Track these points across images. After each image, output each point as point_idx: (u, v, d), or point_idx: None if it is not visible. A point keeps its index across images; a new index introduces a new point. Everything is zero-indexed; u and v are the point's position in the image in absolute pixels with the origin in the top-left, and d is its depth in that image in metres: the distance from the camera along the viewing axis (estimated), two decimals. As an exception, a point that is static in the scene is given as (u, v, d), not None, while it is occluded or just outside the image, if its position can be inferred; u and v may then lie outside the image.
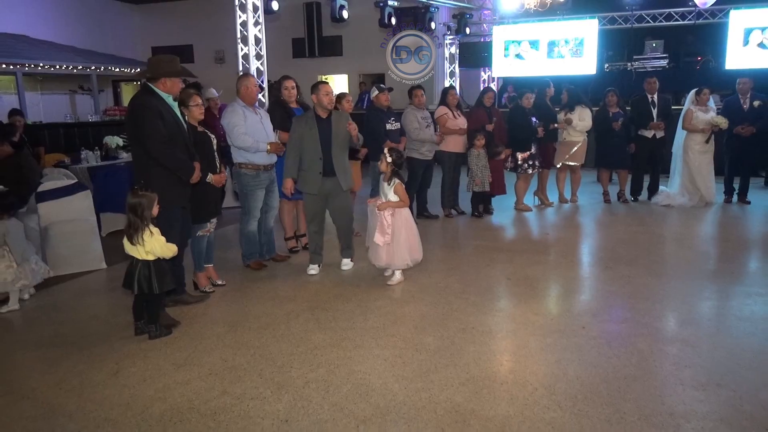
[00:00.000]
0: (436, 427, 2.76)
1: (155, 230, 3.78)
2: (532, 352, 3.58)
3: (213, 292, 4.74)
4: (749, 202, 7.76)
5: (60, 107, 14.98)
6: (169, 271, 3.94)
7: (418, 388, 3.12)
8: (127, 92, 17.88)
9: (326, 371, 3.35)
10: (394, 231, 4.71)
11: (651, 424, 2.75)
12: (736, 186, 7.86)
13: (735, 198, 7.85)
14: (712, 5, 10.38)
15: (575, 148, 7.74)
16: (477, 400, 3.00)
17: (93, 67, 14.23)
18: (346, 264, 5.32)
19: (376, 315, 4.19)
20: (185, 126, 4.21)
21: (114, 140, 7.89)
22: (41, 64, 12.77)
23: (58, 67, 13.28)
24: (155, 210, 3.81)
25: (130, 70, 14.98)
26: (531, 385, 3.15)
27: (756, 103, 7.64)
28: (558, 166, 7.86)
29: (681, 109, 7.80)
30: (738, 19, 10.92)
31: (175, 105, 4.13)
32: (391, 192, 4.74)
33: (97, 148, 7.81)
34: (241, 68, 8.41)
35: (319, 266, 5.24)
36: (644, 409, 2.87)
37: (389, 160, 4.77)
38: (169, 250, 3.83)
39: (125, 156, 7.84)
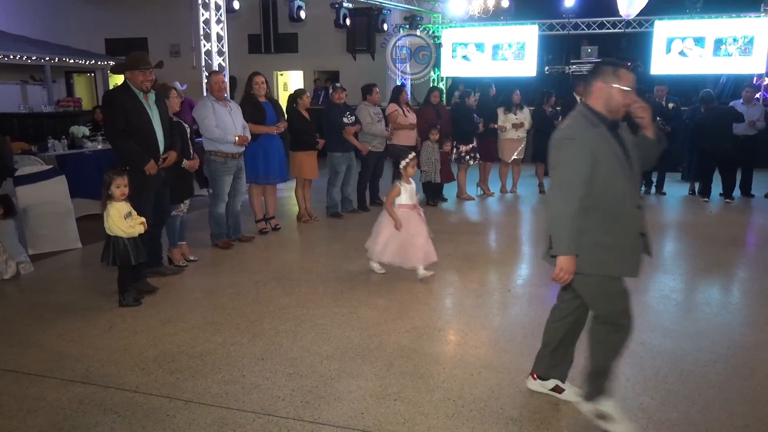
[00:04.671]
0: (386, 361, 3.43)
1: (113, 209, 4.11)
2: (466, 309, 4.30)
3: (186, 266, 5.27)
4: (665, 193, 8.75)
5: (11, 97, 14.91)
6: (142, 245, 4.29)
7: (371, 335, 3.78)
8: (80, 84, 17.87)
9: (293, 324, 3.97)
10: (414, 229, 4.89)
11: (554, 355, 3.49)
12: (654, 179, 8.84)
13: (653, 189, 8.83)
14: (637, 16, 11.40)
15: (522, 146, 8.57)
16: (419, 342, 3.68)
17: (47, 58, 14.24)
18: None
19: (334, 283, 4.84)
20: (159, 121, 4.58)
21: (80, 130, 8.21)
22: (-6, 54, 12.74)
23: (11, 57, 13.28)
24: (117, 191, 4.11)
25: (84, 62, 15.05)
26: (462, 332, 3.87)
27: (671, 105, 8.63)
28: (509, 161, 8.64)
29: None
30: (661, 29, 12.05)
31: (150, 99, 4.56)
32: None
33: (63, 137, 8.11)
34: (203, 64, 8.86)
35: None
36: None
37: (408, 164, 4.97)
38: (121, 230, 4.09)
39: (90, 145, 8.18)
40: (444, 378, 3.23)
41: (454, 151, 8.04)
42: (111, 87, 4.70)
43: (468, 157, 8.08)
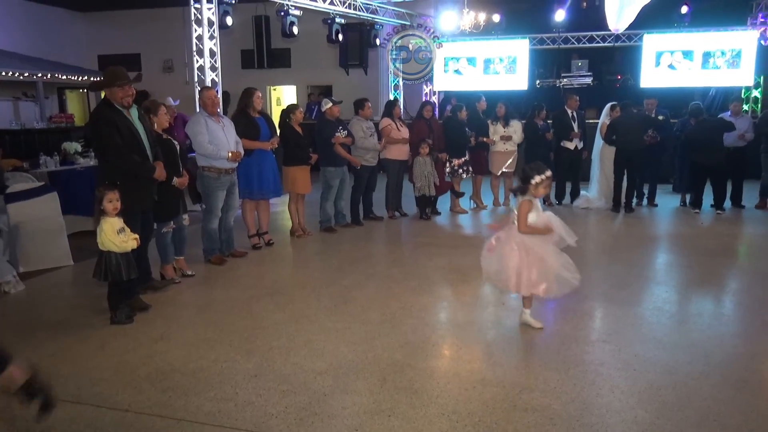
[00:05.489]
0: (379, 375, 3.41)
1: (106, 224, 4.11)
2: (460, 323, 4.30)
3: (179, 282, 5.25)
4: (657, 205, 8.80)
5: (3, 114, 14.89)
6: (134, 261, 4.28)
7: (365, 350, 3.77)
8: (72, 100, 17.84)
9: (287, 340, 3.95)
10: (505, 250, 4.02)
11: (549, 369, 3.49)
12: (645, 191, 8.90)
13: (645, 201, 8.88)
14: (626, 30, 11.52)
15: (511, 159, 8.62)
16: (412, 357, 3.67)
17: (39, 74, 14.25)
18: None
19: (328, 298, 4.82)
20: (144, 134, 4.61)
21: (72, 146, 8.19)
22: (-15, 71, 12.75)
23: (3, 73, 13.27)
24: (110, 206, 4.11)
25: (77, 78, 15.06)
26: (456, 346, 3.86)
27: (660, 118, 8.72)
28: (498, 174, 8.70)
29: (597, 123, 8.80)
30: (650, 43, 12.18)
31: (133, 113, 4.57)
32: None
33: (55, 153, 8.09)
34: (196, 79, 8.88)
35: None
36: (544, 358, 3.63)
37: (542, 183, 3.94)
38: (114, 244, 4.08)
39: (82, 161, 8.16)
40: (438, 393, 3.22)
41: (447, 164, 8.07)
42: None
43: (461, 170, 8.12)
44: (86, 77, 14.84)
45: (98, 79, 4.36)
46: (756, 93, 12.23)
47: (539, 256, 3.92)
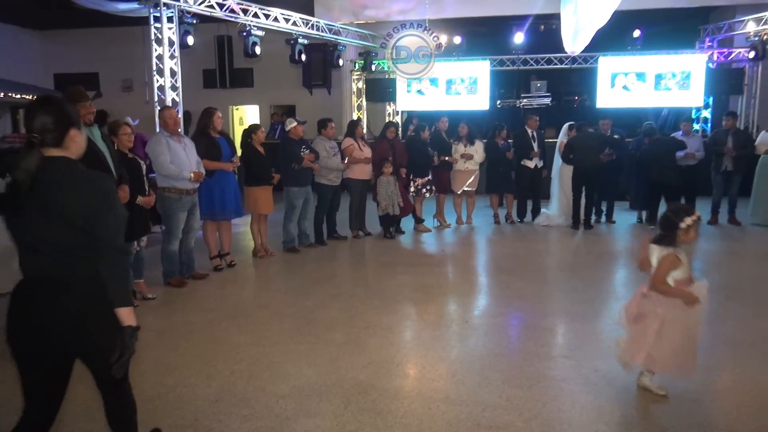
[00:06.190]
0: (343, 397, 3.38)
1: None
2: (424, 341, 4.30)
3: (137, 306, 5.10)
4: (615, 222, 9.02)
5: (-47, 133, 14.38)
6: None
7: (328, 371, 3.73)
8: (27, 119, 17.36)
9: (248, 363, 3.88)
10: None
11: (512, 386, 3.51)
12: (604, 208, 9.12)
13: (603, 218, 9.10)
14: (582, 52, 11.89)
15: (473, 177, 8.74)
16: (377, 377, 3.65)
17: (-8, 93, 13.85)
18: None
19: (290, 319, 4.76)
20: (109, 154, 4.57)
21: (26, 167, 7.96)
22: (-65, 89, 12.32)
23: (-46, 92, 12.86)
24: None
25: (32, 97, 14.67)
26: (420, 365, 3.86)
27: (616, 137, 8.98)
28: (459, 192, 8.80)
29: (556, 142, 9.01)
30: (606, 65, 12.59)
31: (95, 133, 4.50)
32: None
33: (7, 174, 7.84)
34: (157, 99, 8.76)
35: None
36: (507, 375, 3.65)
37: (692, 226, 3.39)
38: None
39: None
40: (402, 413, 3.20)
41: (411, 183, 8.12)
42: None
43: (424, 189, 8.18)
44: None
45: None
46: (706, 113, 12.73)
47: (680, 326, 3.23)
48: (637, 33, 13.94)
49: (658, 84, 12.35)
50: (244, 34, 9.91)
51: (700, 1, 12.02)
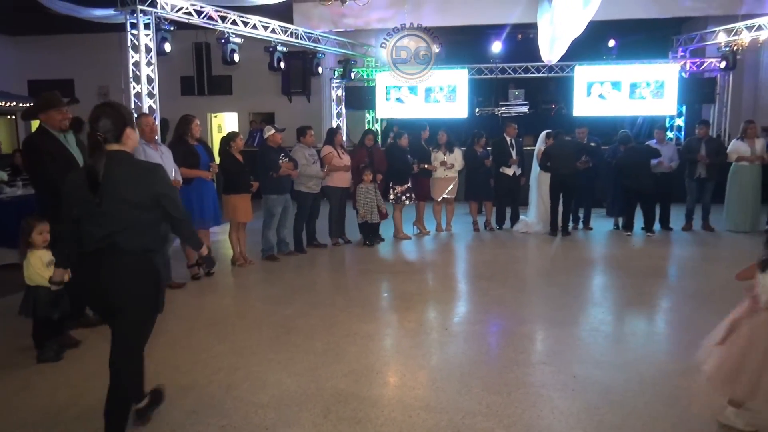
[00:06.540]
0: (323, 406, 3.36)
1: (34, 257, 3.94)
2: (404, 349, 4.29)
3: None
4: (592, 228, 9.13)
5: None
6: (65, 296, 4.05)
7: (308, 380, 3.70)
8: None
9: (227, 373, 3.84)
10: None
11: (491, 392, 3.52)
12: (581, 215, 9.23)
13: (581, 225, 9.20)
14: (559, 61, 12.05)
15: (452, 185, 8.79)
16: (356, 385, 3.63)
17: (-37, 100, 13.58)
18: None
19: (270, 328, 4.73)
20: (81, 161, 4.48)
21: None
22: None
23: (-76, 99, 12.58)
24: (40, 238, 3.96)
25: (5, 104, 14.41)
26: (401, 373, 3.85)
27: (592, 144, 9.10)
28: (438, 199, 8.83)
29: (534, 150, 9.10)
30: (582, 74, 12.77)
31: (70, 140, 4.42)
32: None
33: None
34: (133, 106, 8.66)
35: None
36: (487, 382, 3.66)
37: None
38: (44, 279, 3.84)
39: (9, 191, 7.77)
40: (382, 422, 3.19)
41: (390, 191, 8.14)
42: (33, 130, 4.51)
43: (404, 197, 8.20)
44: (15, 103, 14.24)
45: (28, 106, 4.22)
46: (679, 122, 12.98)
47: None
48: (612, 43, 14.21)
49: (633, 93, 12.57)
50: (223, 41, 9.86)
51: (673, 11, 12.26)
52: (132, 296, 2.78)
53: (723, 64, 11.97)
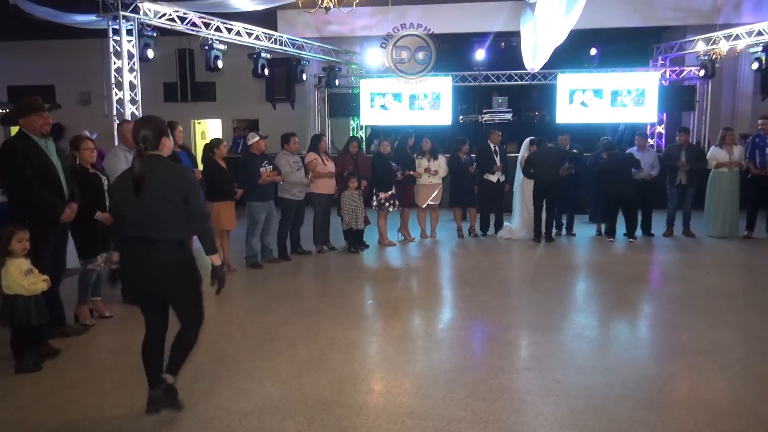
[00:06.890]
0: (307, 415, 3.33)
1: (12, 266, 3.87)
2: (388, 356, 4.28)
3: (93, 325, 4.96)
4: (575, 235, 9.21)
5: None
6: (44, 305, 4.01)
7: (292, 388, 3.68)
8: (-22, 132, 16.79)
9: (210, 382, 3.80)
10: None
11: (476, 399, 3.53)
12: (564, 221, 9.30)
13: (564, 231, 9.27)
14: (542, 69, 12.18)
15: (436, 192, 8.82)
16: (341, 393, 3.62)
17: (-59, 106, 13.38)
18: None
19: (253, 336, 4.69)
20: (61, 169, 4.42)
21: (-24, 182, 7.67)
22: None
23: None
24: (19, 246, 3.90)
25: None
26: (385, 380, 3.84)
27: (574, 151, 9.20)
28: (423, 206, 8.85)
29: (517, 156, 9.17)
30: (564, 82, 12.93)
31: (50, 147, 4.36)
32: None
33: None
34: (115, 112, 8.59)
35: None
36: (471, 388, 3.66)
37: None
38: (23, 287, 3.84)
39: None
40: (367, 429, 3.17)
41: (374, 198, 8.14)
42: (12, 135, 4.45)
43: (388, 204, 8.21)
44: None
45: (8, 111, 4.17)
46: (660, 129, 13.17)
47: None
48: (593, 51, 14.38)
49: (615, 100, 12.75)
50: (206, 47, 9.84)
51: (653, 21, 12.48)
52: (173, 276, 3.23)
53: (702, 73, 12.18)
